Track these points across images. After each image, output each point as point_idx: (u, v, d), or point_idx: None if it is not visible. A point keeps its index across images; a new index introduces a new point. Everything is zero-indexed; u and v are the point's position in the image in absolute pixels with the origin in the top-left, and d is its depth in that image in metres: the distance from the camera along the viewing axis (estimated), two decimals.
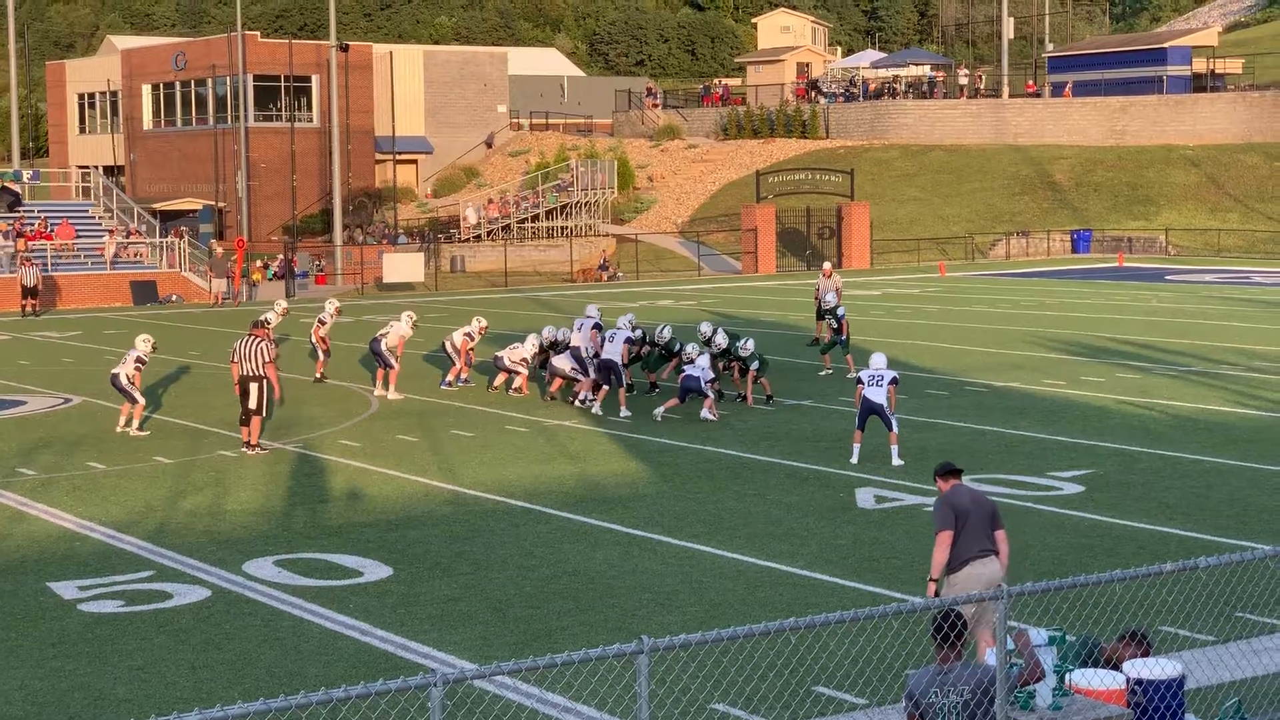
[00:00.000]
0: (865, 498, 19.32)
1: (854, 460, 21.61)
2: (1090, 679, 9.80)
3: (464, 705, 11.22)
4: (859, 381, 21.94)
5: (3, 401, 29.46)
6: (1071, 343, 35.99)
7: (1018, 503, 18.62)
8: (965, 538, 11.65)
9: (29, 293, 49.75)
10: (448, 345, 30.70)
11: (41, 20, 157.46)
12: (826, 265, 37.89)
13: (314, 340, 31.96)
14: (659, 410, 26.03)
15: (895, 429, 21.61)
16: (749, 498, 19.49)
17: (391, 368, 29.13)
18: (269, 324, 26.33)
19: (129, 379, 25.50)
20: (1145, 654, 10.10)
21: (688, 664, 12.08)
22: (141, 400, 25.74)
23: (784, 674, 11.89)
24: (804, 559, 16.25)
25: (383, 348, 29.11)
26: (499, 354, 29.73)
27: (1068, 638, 9.89)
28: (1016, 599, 9.05)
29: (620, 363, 26.85)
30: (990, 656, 9.75)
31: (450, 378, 30.34)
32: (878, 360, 22.04)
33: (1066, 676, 9.63)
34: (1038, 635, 9.64)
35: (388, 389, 29.11)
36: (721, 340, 28.35)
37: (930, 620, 9.35)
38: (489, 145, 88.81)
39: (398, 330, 29.57)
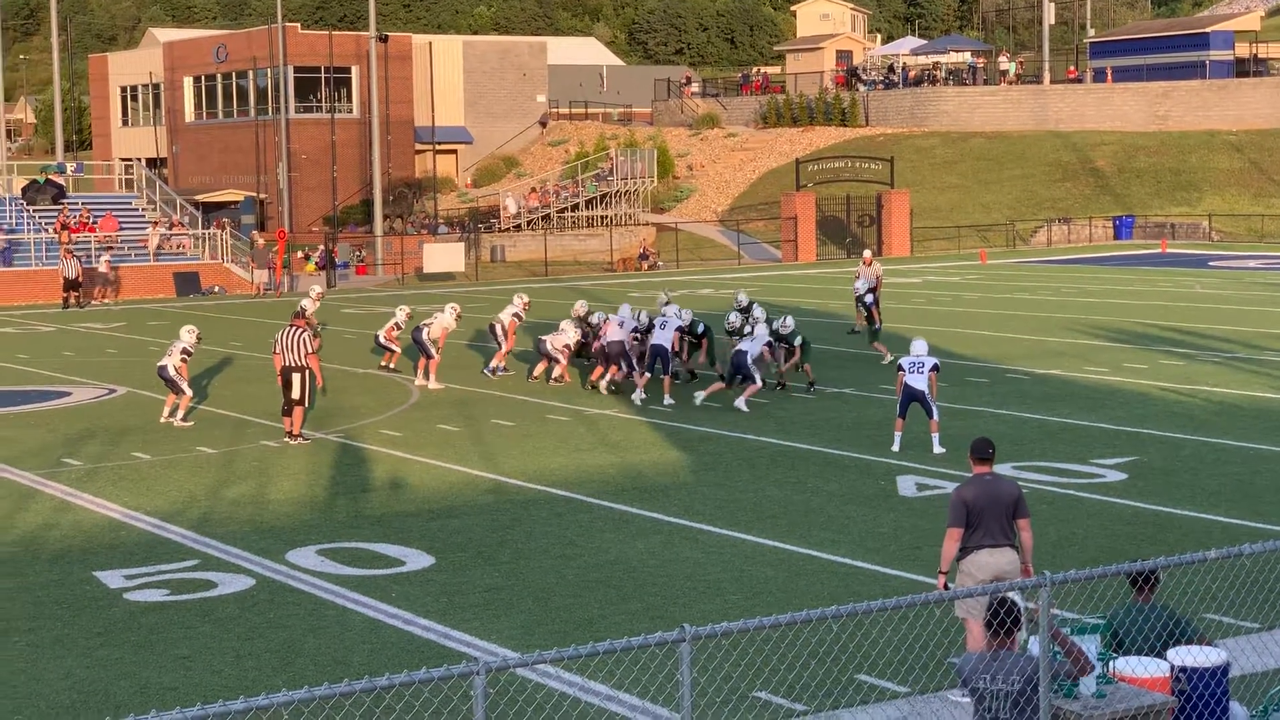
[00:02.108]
0: (907, 485, 19.29)
1: (896, 448, 21.55)
2: (1134, 667, 9.77)
3: (506, 693, 11.25)
4: (899, 368, 21.82)
5: (48, 393, 29.67)
6: (1114, 329, 35.82)
7: (1060, 490, 18.55)
8: (979, 528, 11.61)
9: (71, 285, 50.06)
10: (497, 328, 30.72)
11: (84, 14, 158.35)
12: (866, 253, 37.84)
13: (385, 339, 31.53)
14: (700, 395, 26.05)
15: (936, 416, 21.53)
16: (790, 486, 19.48)
17: (432, 357, 29.21)
18: (306, 313, 26.40)
19: (176, 370, 25.63)
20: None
21: (729, 652, 12.08)
22: (189, 392, 25.87)
23: (825, 662, 11.88)
24: (845, 547, 16.23)
25: (424, 337, 29.20)
26: (542, 338, 29.75)
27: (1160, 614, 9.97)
28: (1060, 587, 9.02)
29: (670, 350, 26.87)
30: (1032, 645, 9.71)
31: (495, 363, 30.40)
32: (919, 347, 21.90)
33: (1110, 664, 9.60)
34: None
35: (428, 378, 29.20)
36: (759, 313, 28.30)
37: (986, 610, 9.33)
38: (543, 125, 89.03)
39: (441, 321, 29.64)
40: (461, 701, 10.47)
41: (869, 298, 32.18)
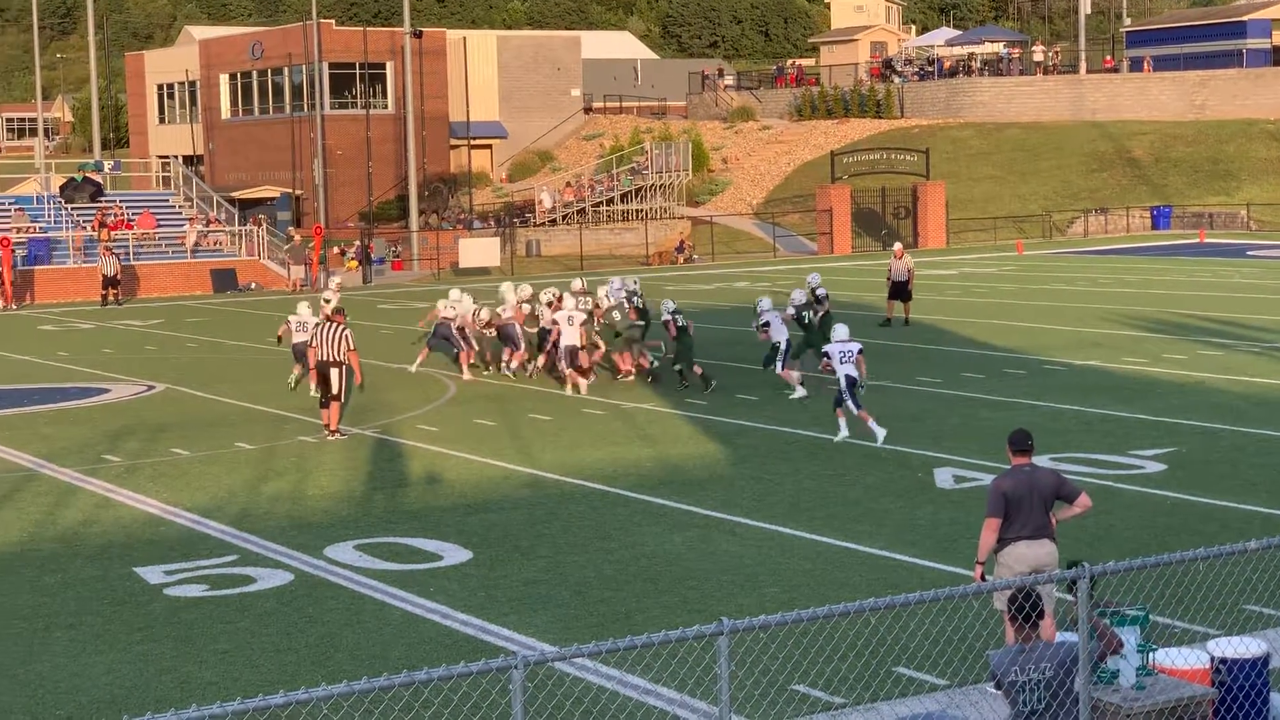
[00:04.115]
0: (944, 477, 19.24)
1: (845, 433, 21.82)
2: (1174, 658, 9.74)
3: (545, 687, 11.28)
4: (826, 355, 22.15)
5: (88, 390, 29.84)
6: (1152, 320, 35.65)
7: (1099, 481, 18.48)
8: (1017, 519, 11.56)
9: (110, 282, 50.32)
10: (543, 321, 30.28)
11: (120, 12, 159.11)
12: (898, 246, 37.74)
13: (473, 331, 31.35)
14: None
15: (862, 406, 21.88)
16: (826, 478, 19.46)
17: (464, 349, 29.31)
18: (330, 303, 26.54)
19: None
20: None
21: (768, 645, 12.08)
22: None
23: (864, 655, 11.87)
24: (883, 539, 16.21)
25: (453, 330, 29.32)
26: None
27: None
28: (1098, 578, 8.98)
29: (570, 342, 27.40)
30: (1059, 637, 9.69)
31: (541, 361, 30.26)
32: (843, 332, 22.32)
33: (1150, 655, 9.56)
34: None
35: (463, 370, 29.32)
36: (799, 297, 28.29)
37: (1009, 601, 9.31)
38: (587, 111, 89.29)
39: (508, 300, 29.57)
40: (500, 695, 10.50)
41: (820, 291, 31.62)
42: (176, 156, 72.77)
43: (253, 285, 55.63)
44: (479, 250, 60.74)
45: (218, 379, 30.64)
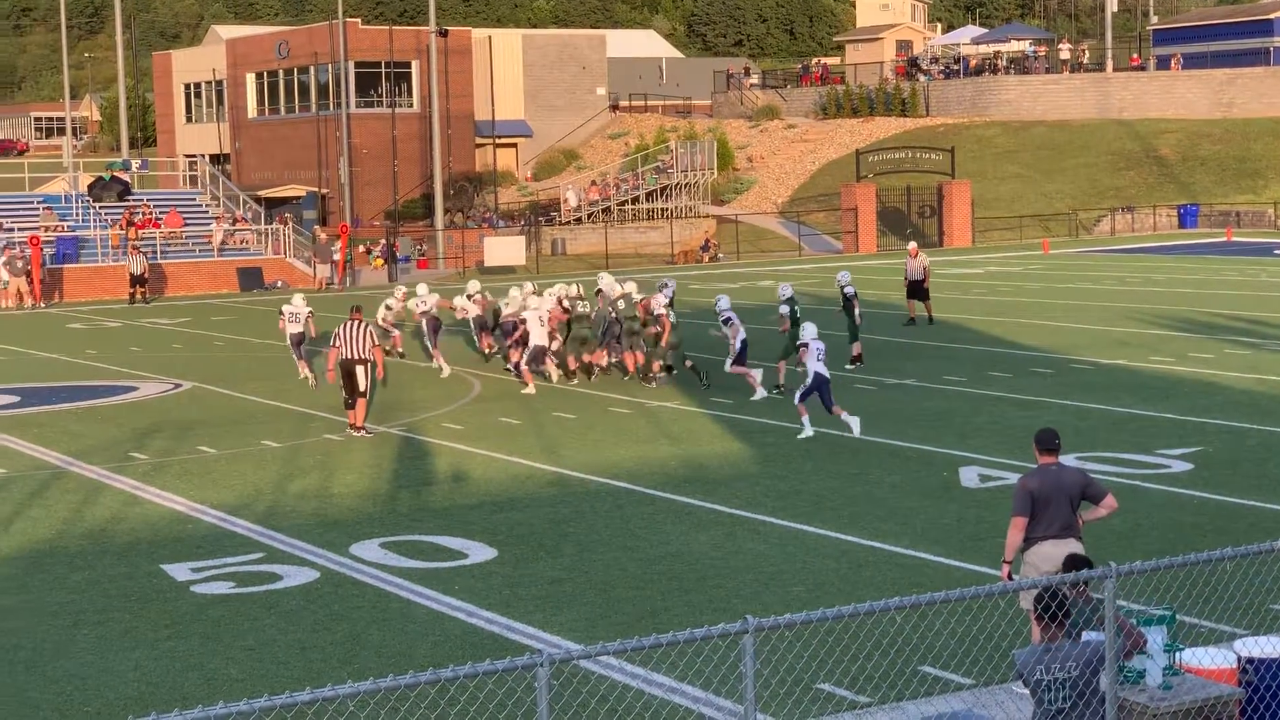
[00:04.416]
0: (970, 476, 19.21)
1: (809, 433, 22.01)
2: (1201, 658, 9.71)
3: (570, 685, 11.29)
4: (804, 346, 22.28)
5: (115, 388, 29.96)
6: (1179, 319, 35.53)
7: (1126, 481, 18.43)
8: (1043, 518, 11.53)
9: (137, 280, 50.50)
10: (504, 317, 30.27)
11: (148, 11, 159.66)
12: (912, 245, 37.65)
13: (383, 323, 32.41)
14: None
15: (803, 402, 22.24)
16: (851, 477, 19.44)
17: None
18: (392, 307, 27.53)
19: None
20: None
21: (793, 644, 12.07)
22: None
23: (889, 654, 11.86)
24: (908, 538, 16.19)
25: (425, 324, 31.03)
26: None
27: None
28: (1125, 578, 8.96)
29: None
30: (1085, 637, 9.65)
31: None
32: (813, 330, 22.54)
33: (1176, 655, 9.54)
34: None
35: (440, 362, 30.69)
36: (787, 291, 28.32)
37: (1035, 600, 9.29)
38: (613, 109, 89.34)
39: (514, 300, 29.80)
40: (525, 693, 10.51)
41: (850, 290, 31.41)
42: (203, 155, 72.98)
43: (279, 283, 55.77)
44: (504, 249, 60.82)
45: (244, 377, 30.73)
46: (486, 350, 31.84)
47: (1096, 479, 12.07)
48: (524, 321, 27.96)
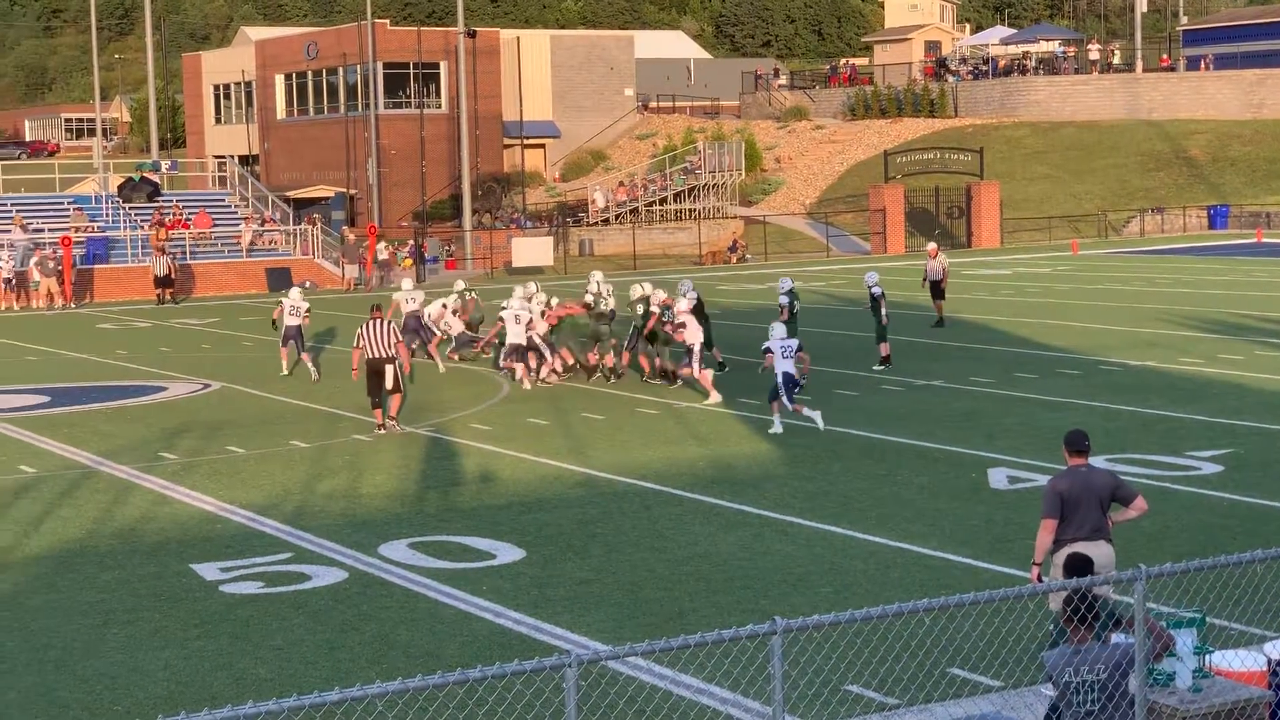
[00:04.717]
0: (998, 478, 19.16)
1: (779, 429, 22.52)
2: (1230, 660, 9.67)
3: (598, 686, 11.29)
4: (769, 351, 22.73)
5: (145, 388, 30.07)
6: (1209, 320, 35.39)
7: (1155, 483, 18.36)
8: (1073, 520, 11.49)
9: (163, 282, 50.68)
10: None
11: (177, 13, 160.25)
12: (931, 245, 37.51)
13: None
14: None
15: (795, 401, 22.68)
16: (879, 478, 19.41)
17: (434, 337, 31.90)
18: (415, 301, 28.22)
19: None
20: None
21: (821, 645, 12.06)
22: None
23: (918, 655, 11.84)
24: (936, 540, 16.15)
25: (420, 322, 31.58)
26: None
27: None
28: (1154, 580, 8.93)
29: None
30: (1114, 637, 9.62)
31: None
32: (780, 330, 22.97)
33: (1206, 658, 9.50)
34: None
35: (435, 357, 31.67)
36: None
37: (1064, 602, 9.25)
38: (643, 109, 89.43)
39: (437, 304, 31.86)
40: (554, 694, 10.52)
41: (876, 290, 31.29)
42: (232, 156, 73.22)
43: (308, 284, 55.89)
44: (532, 249, 60.86)
45: (273, 377, 30.82)
46: (483, 354, 32.43)
47: (1126, 481, 12.04)
48: (501, 320, 28.39)
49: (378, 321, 23.78)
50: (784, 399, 22.52)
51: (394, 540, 16.74)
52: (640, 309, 28.45)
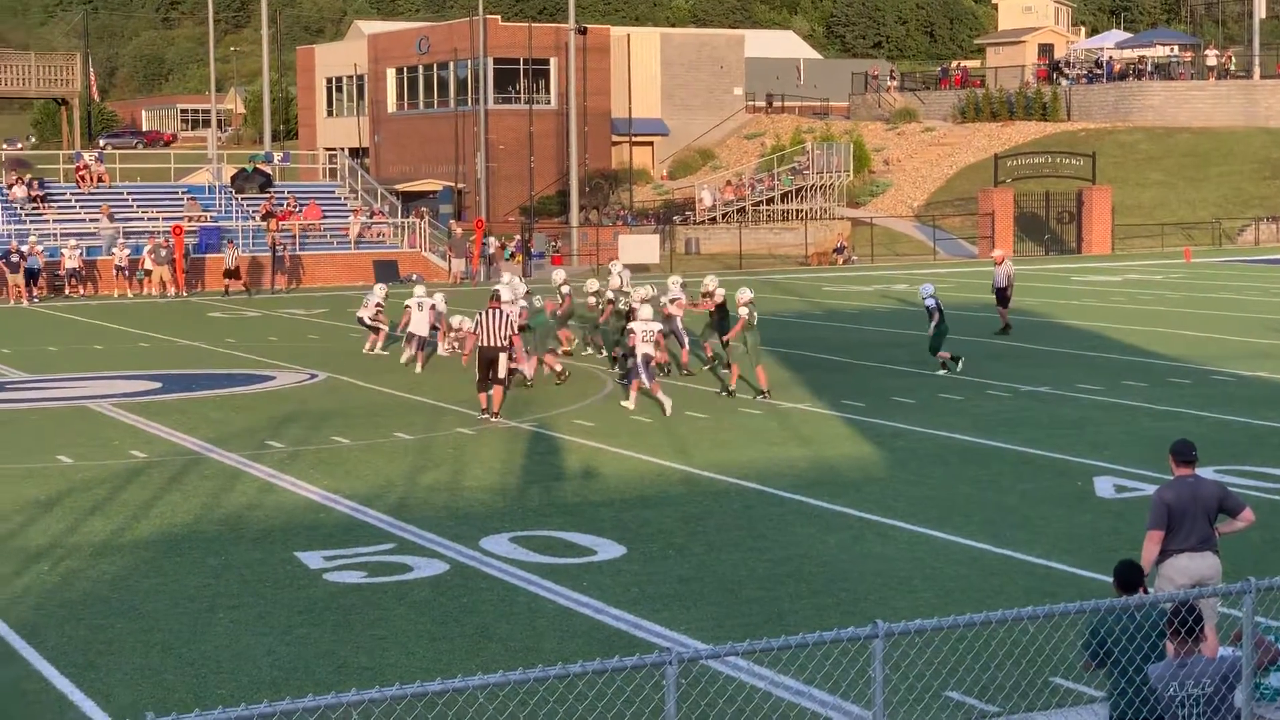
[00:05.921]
0: (1104, 486, 18.94)
1: (630, 405, 24.83)
2: None
3: (698, 685, 11.28)
4: (631, 332, 24.74)
5: (253, 376, 30.44)
6: None
7: (1265, 495, 18.07)
8: (1180, 531, 11.33)
9: (231, 274, 51.08)
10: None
11: (292, 6, 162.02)
12: (998, 252, 37.13)
13: (370, 320, 33.85)
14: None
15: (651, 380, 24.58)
16: (983, 483, 19.25)
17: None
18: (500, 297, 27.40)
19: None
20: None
21: (922, 650, 11.98)
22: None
23: (1021, 664, 11.72)
24: (1040, 547, 15.99)
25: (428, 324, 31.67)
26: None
27: None
28: (1265, 593, 8.79)
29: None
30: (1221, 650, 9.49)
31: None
32: (648, 311, 24.99)
33: None
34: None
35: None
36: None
37: (1170, 614, 9.13)
38: (756, 108, 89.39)
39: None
40: (653, 691, 10.52)
41: (930, 302, 30.70)
42: (343, 149, 73.91)
43: (414, 277, 56.26)
44: (638, 246, 60.91)
45: (378, 369, 31.09)
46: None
47: (1234, 492, 11.86)
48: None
49: (495, 310, 23.96)
50: (641, 376, 24.53)
51: (495, 534, 16.83)
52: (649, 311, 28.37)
